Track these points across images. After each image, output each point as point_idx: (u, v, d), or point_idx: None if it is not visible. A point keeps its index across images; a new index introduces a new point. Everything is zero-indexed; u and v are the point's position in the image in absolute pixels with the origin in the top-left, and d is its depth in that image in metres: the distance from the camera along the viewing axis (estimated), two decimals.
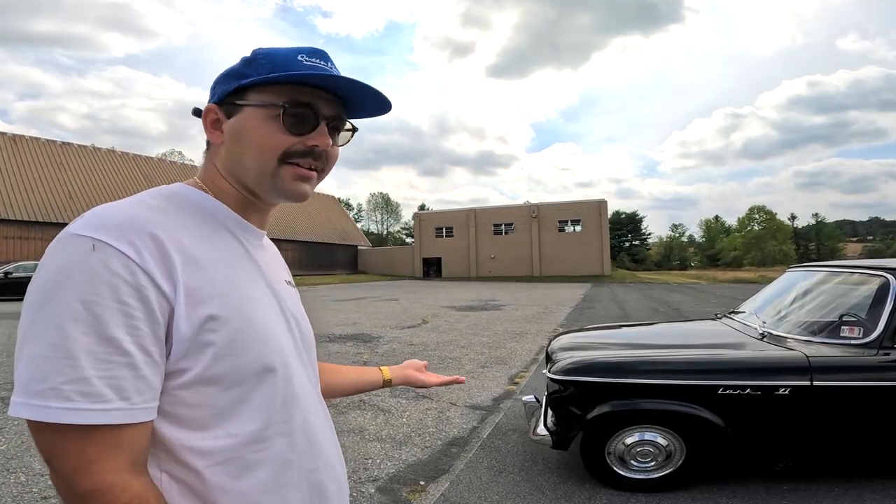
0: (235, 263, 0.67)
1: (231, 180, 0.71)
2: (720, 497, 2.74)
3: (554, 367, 2.99)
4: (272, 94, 0.67)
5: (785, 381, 2.60)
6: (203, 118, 0.70)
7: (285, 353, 0.68)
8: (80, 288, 0.54)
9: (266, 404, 0.65)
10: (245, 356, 0.63)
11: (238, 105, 0.68)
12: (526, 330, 9.60)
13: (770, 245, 66.70)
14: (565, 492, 2.86)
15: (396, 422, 4.10)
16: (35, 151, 28.69)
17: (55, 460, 0.55)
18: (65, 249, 0.56)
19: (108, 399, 0.53)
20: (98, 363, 0.53)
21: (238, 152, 0.68)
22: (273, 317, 0.69)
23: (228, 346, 0.61)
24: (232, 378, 0.62)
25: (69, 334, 0.52)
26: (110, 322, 0.54)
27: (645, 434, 2.80)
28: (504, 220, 42.04)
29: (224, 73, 0.70)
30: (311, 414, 0.73)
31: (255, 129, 0.67)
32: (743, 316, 3.62)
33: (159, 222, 0.60)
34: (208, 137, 0.71)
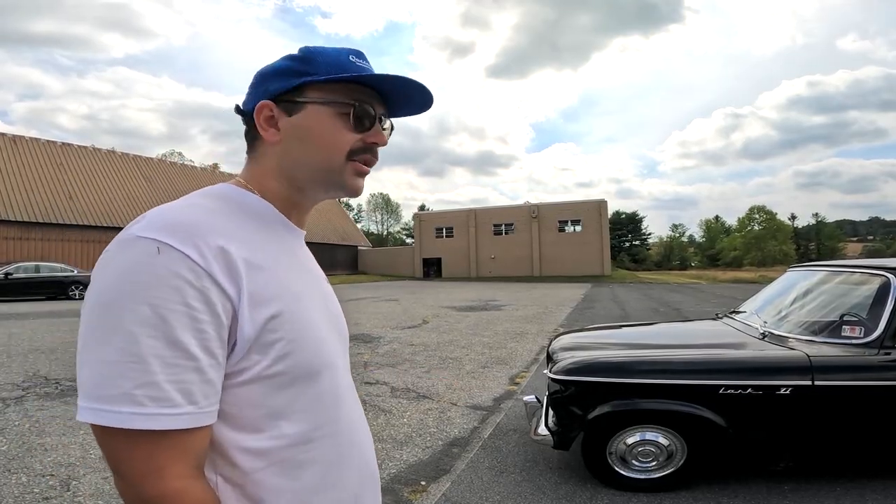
0: (287, 264, 0.67)
1: (283, 179, 0.70)
2: (722, 497, 2.73)
3: (555, 367, 2.99)
4: (336, 93, 0.67)
5: (786, 380, 2.59)
6: (256, 115, 0.68)
7: (332, 353, 0.69)
8: (148, 292, 0.53)
9: (317, 404, 0.66)
10: (301, 356, 0.63)
11: (299, 102, 0.67)
12: (526, 330, 9.59)
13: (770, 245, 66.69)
14: (566, 492, 2.86)
15: (397, 422, 4.10)
16: (35, 152, 28.68)
17: (123, 466, 0.55)
18: (129, 252, 0.55)
19: (177, 403, 0.53)
20: (167, 367, 0.53)
21: (303, 150, 0.68)
22: (321, 316, 0.70)
23: (287, 346, 0.61)
24: (288, 378, 0.62)
25: (139, 339, 0.52)
26: (177, 326, 0.53)
27: (646, 434, 2.80)
28: (504, 221, 42.02)
29: (272, 70, 0.68)
30: (353, 412, 0.74)
31: (323, 126, 0.67)
32: (744, 316, 3.62)
33: (219, 224, 0.61)
34: (263, 135, 0.68)
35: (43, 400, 4.62)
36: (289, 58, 0.69)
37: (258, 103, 0.68)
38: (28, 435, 3.71)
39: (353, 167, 0.70)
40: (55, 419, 4.07)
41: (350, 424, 0.72)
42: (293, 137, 0.68)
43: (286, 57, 0.69)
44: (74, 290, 17.95)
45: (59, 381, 5.34)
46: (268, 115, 0.68)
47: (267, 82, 0.68)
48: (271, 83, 0.68)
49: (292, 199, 0.72)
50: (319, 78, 0.66)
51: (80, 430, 3.83)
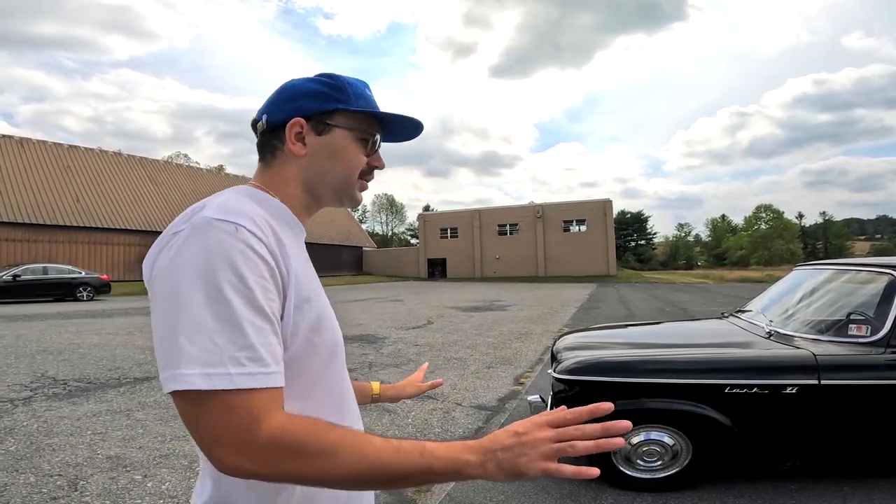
0: (304, 258, 0.75)
1: (304, 187, 0.78)
2: (727, 497, 2.72)
3: (559, 367, 2.99)
4: (358, 121, 0.78)
5: (792, 380, 2.58)
6: (288, 129, 0.75)
7: (341, 340, 0.78)
8: (236, 265, 0.59)
9: (332, 385, 0.74)
10: (325, 336, 0.71)
11: (330, 125, 0.76)
12: (531, 330, 9.58)
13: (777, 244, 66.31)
14: (570, 491, 2.86)
15: (402, 422, 4.11)
16: (42, 154, 28.92)
17: (225, 428, 0.57)
18: (210, 232, 0.61)
19: (268, 363, 0.59)
20: (258, 332, 0.59)
21: (328, 166, 0.77)
22: (329, 308, 0.77)
23: (316, 326, 0.69)
24: (313, 357, 0.69)
25: (235, 307, 0.58)
26: (259, 295, 0.60)
27: (651, 433, 2.79)
28: (509, 221, 41.98)
29: (308, 91, 0.76)
30: (353, 397, 0.82)
31: (347, 148, 0.78)
32: (750, 315, 3.59)
33: (263, 213, 0.68)
34: (291, 149, 0.76)
35: (51, 400, 4.66)
36: (322, 83, 0.77)
37: (292, 119, 0.75)
38: (36, 435, 3.74)
39: (361, 184, 0.82)
40: (63, 419, 4.10)
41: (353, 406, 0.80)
42: (321, 154, 0.77)
43: (319, 81, 0.77)
44: (82, 292, 18.08)
45: (67, 382, 5.38)
46: (297, 131, 0.76)
47: (301, 100, 0.76)
48: (306, 102, 0.76)
49: (307, 204, 0.80)
50: (352, 108, 0.77)
51: (87, 430, 3.86)
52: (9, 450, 3.46)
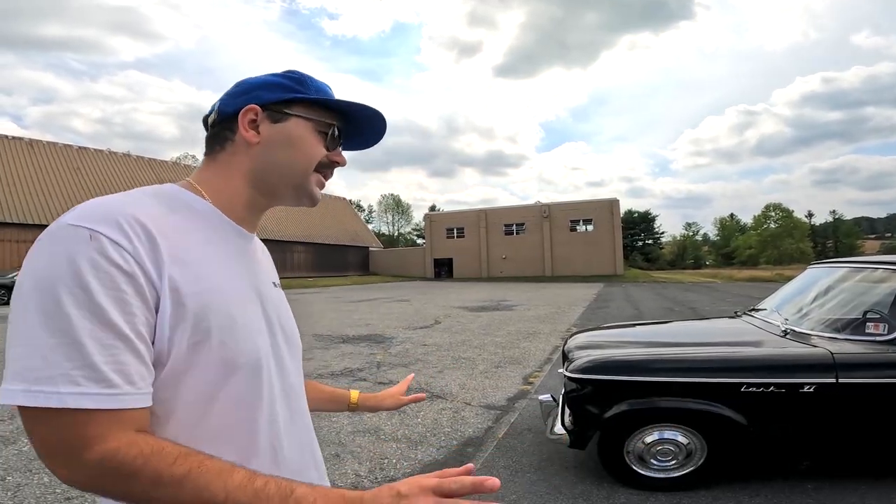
0: (220, 263, 0.68)
1: (251, 181, 0.74)
2: (742, 496, 2.69)
3: (571, 366, 2.96)
4: (318, 113, 0.75)
5: (810, 378, 2.54)
6: (242, 116, 0.72)
7: (260, 355, 0.69)
8: (82, 276, 0.55)
9: (231, 404, 0.65)
10: (218, 353, 0.63)
11: (287, 114, 0.73)
12: (539, 330, 9.54)
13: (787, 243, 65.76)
14: (582, 491, 2.83)
15: (411, 422, 4.09)
16: (52, 156, 29.24)
17: (59, 447, 0.54)
18: (62, 239, 0.57)
19: (116, 384, 0.54)
20: (103, 350, 0.54)
21: (283, 155, 0.73)
22: (253, 317, 0.70)
23: (204, 342, 0.62)
24: (202, 374, 0.62)
25: (74, 322, 0.53)
26: (111, 309, 0.55)
27: (664, 433, 2.76)
28: (515, 221, 41.92)
29: (267, 82, 0.74)
30: (279, 418, 0.72)
31: (304, 138, 0.74)
32: (764, 313, 3.55)
33: (150, 216, 0.62)
34: (244, 135, 0.72)
35: None
36: (282, 75, 0.75)
37: (246, 106, 0.72)
38: None
39: (317, 178, 0.77)
40: None
41: (273, 429, 0.70)
42: (275, 142, 0.73)
43: (278, 74, 0.75)
44: None
45: None
46: (251, 118, 0.72)
47: (259, 91, 0.73)
48: (264, 92, 0.73)
49: (253, 200, 0.75)
50: (311, 96, 0.74)
51: None
52: (22, 450, 3.48)
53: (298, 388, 0.80)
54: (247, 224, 0.76)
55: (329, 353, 7.15)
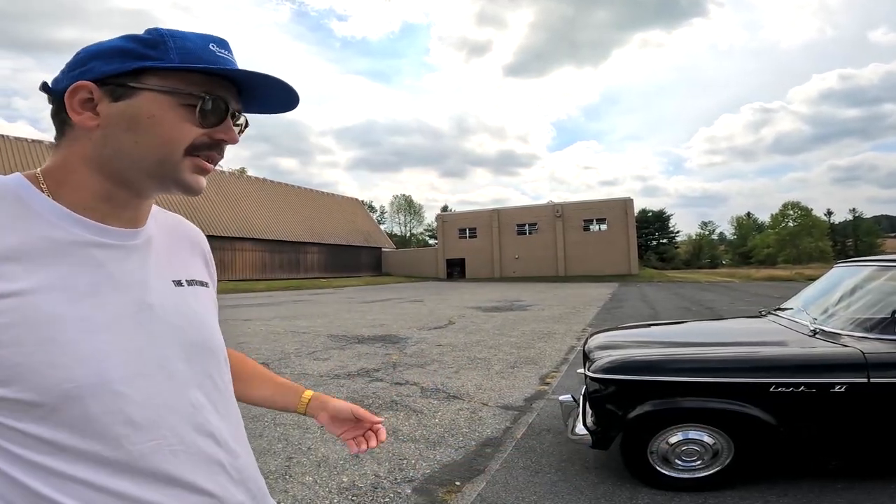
0: (52, 272, 0.56)
1: (98, 170, 0.61)
2: (770, 495, 2.63)
3: (593, 366, 2.92)
4: (183, 82, 0.60)
5: (841, 378, 2.48)
6: (68, 96, 0.58)
7: (109, 373, 0.57)
8: None
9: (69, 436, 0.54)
10: (33, 380, 0.53)
11: (132, 88, 0.58)
12: (554, 330, 9.48)
13: (805, 242, 64.64)
14: (605, 491, 2.79)
15: (429, 422, 4.08)
16: None
17: None
18: None
19: None
20: None
21: (130, 140, 0.59)
22: (103, 340, 0.58)
23: (10, 369, 0.52)
24: (15, 405, 0.53)
25: None
26: None
27: (689, 433, 2.71)
28: (527, 220, 41.79)
29: (105, 49, 0.59)
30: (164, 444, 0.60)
31: (160, 117, 0.59)
32: (791, 312, 3.48)
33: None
34: (74, 120, 0.59)
35: None
36: (129, 38, 0.60)
37: (74, 84, 0.58)
38: None
39: (193, 163, 0.62)
40: None
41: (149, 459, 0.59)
42: (116, 125, 0.59)
43: (126, 37, 0.60)
44: None
45: None
46: (84, 98, 0.59)
47: (94, 61, 0.59)
48: (101, 63, 0.59)
49: (108, 194, 0.62)
50: (161, 64, 0.58)
51: None
52: None
53: (206, 400, 0.66)
54: (115, 219, 0.63)
55: (345, 354, 7.17)
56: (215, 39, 0.63)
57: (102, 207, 0.62)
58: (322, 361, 6.66)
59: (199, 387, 0.66)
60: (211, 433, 0.65)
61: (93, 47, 0.60)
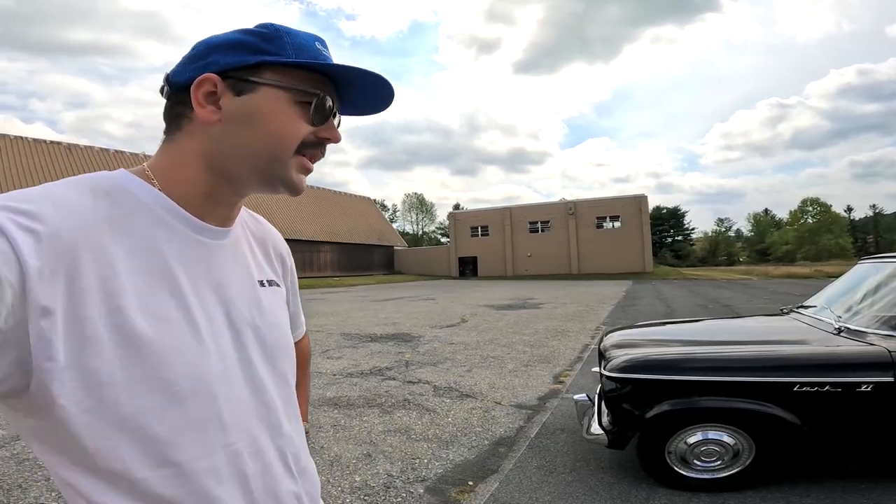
0: (153, 273, 0.56)
1: (208, 166, 0.60)
2: (791, 496, 2.56)
3: (609, 365, 2.87)
4: (297, 79, 0.60)
5: (867, 377, 2.40)
6: (194, 88, 0.58)
7: (196, 377, 0.56)
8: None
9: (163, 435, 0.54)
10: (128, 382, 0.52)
11: (253, 82, 0.58)
12: (568, 328, 9.39)
13: (825, 239, 63.28)
14: (620, 492, 2.74)
15: (442, 421, 4.05)
16: (89, 160, 30.32)
17: None
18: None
19: None
20: None
21: (248, 135, 0.59)
22: (194, 336, 0.57)
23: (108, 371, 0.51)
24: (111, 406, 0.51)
25: None
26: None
27: (709, 433, 2.65)
28: (540, 218, 41.56)
29: (225, 42, 0.59)
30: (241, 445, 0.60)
31: (276, 112, 0.59)
32: (814, 310, 3.38)
33: (78, 220, 0.51)
34: (198, 112, 0.58)
35: None
36: (247, 31, 0.60)
37: (201, 75, 0.58)
38: None
39: (299, 162, 0.62)
40: None
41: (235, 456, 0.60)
42: (238, 120, 0.58)
43: (243, 30, 0.60)
44: None
45: None
46: (209, 91, 0.58)
47: (215, 54, 0.58)
48: (222, 56, 0.58)
49: (212, 191, 0.61)
50: (283, 59, 0.58)
51: None
52: None
53: (275, 402, 0.66)
54: (212, 217, 0.63)
55: (358, 353, 7.18)
56: (318, 38, 0.63)
57: (205, 204, 0.62)
58: (335, 360, 6.68)
59: (276, 388, 0.67)
60: (281, 434, 0.66)
61: (211, 39, 0.60)
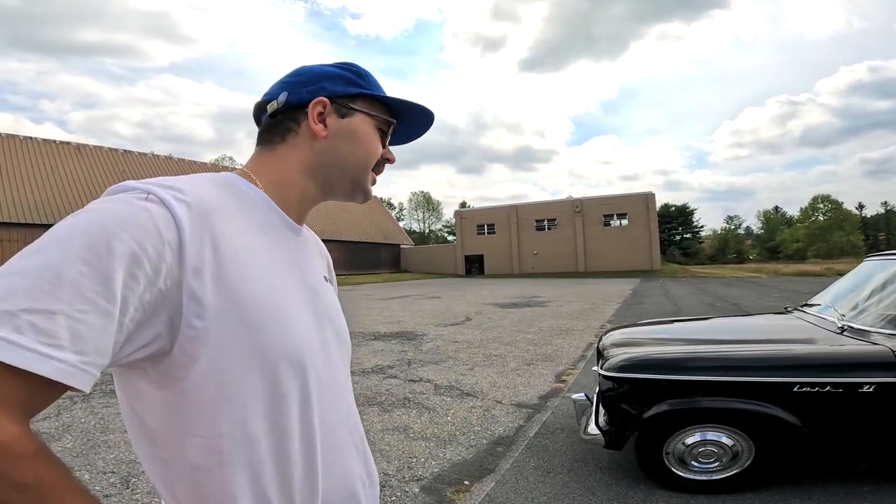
0: (269, 256, 0.65)
1: (308, 174, 0.72)
2: (792, 498, 2.53)
3: (606, 364, 2.84)
4: (378, 110, 0.75)
5: (870, 377, 2.35)
6: (311, 108, 0.70)
7: (304, 352, 0.64)
8: (114, 224, 0.50)
9: (270, 403, 0.61)
10: (256, 347, 0.59)
11: (352, 108, 0.72)
12: (572, 326, 9.34)
13: (836, 236, 62.47)
14: (618, 493, 2.71)
15: (441, 420, 4.04)
16: (99, 160, 30.62)
17: None
18: (117, 194, 0.56)
19: (60, 345, 0.45)
20: (78, 299, 0.46)
21: (347, 151, 0.72)
22: (298, 312, 0.66)
23: (241, 335, 0.57)
24: (237, 370, 0.58)
25: (72, 259, 0.47)
26: (118, 262, 0.49)
27: (707, 434, 2.61)
28: (546, 216, 41.35)
29: (331, 73, 0.73)
30: (316, 419, 0.66)
31: (367, 134, 0.74)
32: (818, 309, 3.32)
33: (213, 199, 0.60)
34: (313, 129, 0.70)
35: (108, 397, 4.83)
36: (343, 67, 0.74)
37: (316, 98, 0.70)
38: (93, 432, 3.85)
39: (372, 175, 0.77)
40: (119, 416, 4.24)
41: (326, 432, 0.68)
42: (341, 138, 0.72)
43: (339, 65, 0.75)
44: None
45: None
46: (319, 111, 0.71)
47: (324, 82, 0.71)
48: (330, 84, 0.71)
49: (307, 193, 0.73)
50: (375, 93, 0.74)
51: None
52: (66, 447, 3.57)
53: (346, 388, 0.75)
54: (297, 217, 0.74)
55: (361, 351, 7.18)
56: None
57: (298, 206, 0.73)
58: None
59: (339, 378, 0.74)
60: (352, 414, 0.75)
61: (316, 68, 0.74)
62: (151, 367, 0.56)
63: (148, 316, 0.52)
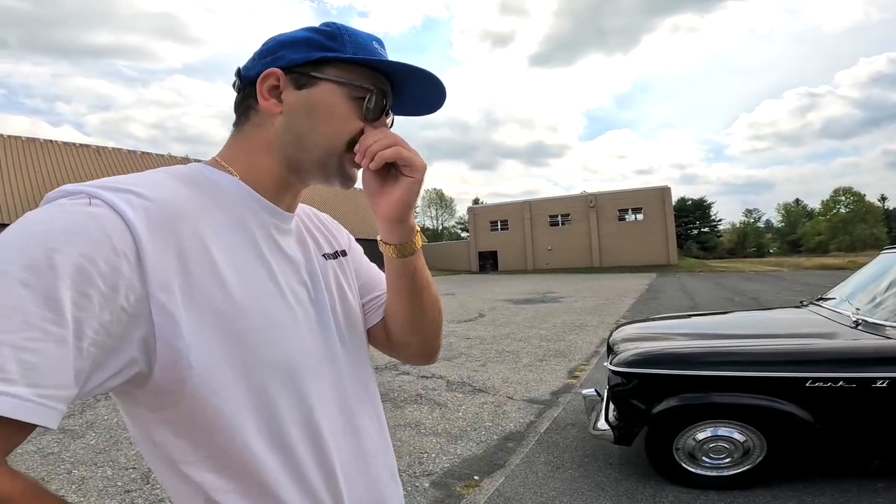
0: (249, 256, 0.59)
1: (276, 156, 0.63)
2: (804, 495, 2.49)
3: (616, 359, 2.83)
4: (354, 75, 0.62)
5: (884, 372, 2.31)
6: (259, 82, 0.61)
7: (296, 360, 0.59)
8: (53, 237, 0.44)
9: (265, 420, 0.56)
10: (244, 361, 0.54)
11: (314, 77, 0.61)
12: (586, 322, 9.29)
13: (859, 229, 60.87)
14: (627, 489, 2.70)
15: (452, 416, 4.06)
16: (118, 161, 31.16)
17: None
18: (56, 200, 0.48)
19: (11, 379, 0.40)
20: (25, 328, 0.41)
21: (307, 127, 0.62)
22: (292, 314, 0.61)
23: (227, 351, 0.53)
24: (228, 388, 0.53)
25: (5, 281, 0.41)
26: (64, 281, 0.42)
27: (719, 429, 2.59)
28: (560, 212, 41.06)
29: (292, 39, 0.62)
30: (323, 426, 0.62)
31: (334, 106, 0.62)
32: (833, 303, 3.27)
33: (172, 199, 0.53)
34: (262, 105, 0.62)
35: None
36: (313, 29, 0.63)
37: (266, 70, 0.61)
38: (115, 429, 3.93)
39: (351, 157, 0.64)
40: None
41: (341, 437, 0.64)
42: (298, 112, 0.61)
43: (309, 28, 0.64)
44: None
45: None
46: (272, 85, 0.61)
47: (284, 50, 0.62)
48: (289, 52, 0.61)
49: (283, 178, 0.64)
50: (343, 55, 0.61)
51: None
52: (89, 443, 3.66)
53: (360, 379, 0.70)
54: (282, 203, 0.66)
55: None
56: (376, 38, 0.66)
57: (276, 191, 0.65)
58: None
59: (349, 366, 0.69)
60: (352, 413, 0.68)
61: (282, 36, 0.63)
62: (137, 391, 0.52)
63: (115, 338, 0.46)
